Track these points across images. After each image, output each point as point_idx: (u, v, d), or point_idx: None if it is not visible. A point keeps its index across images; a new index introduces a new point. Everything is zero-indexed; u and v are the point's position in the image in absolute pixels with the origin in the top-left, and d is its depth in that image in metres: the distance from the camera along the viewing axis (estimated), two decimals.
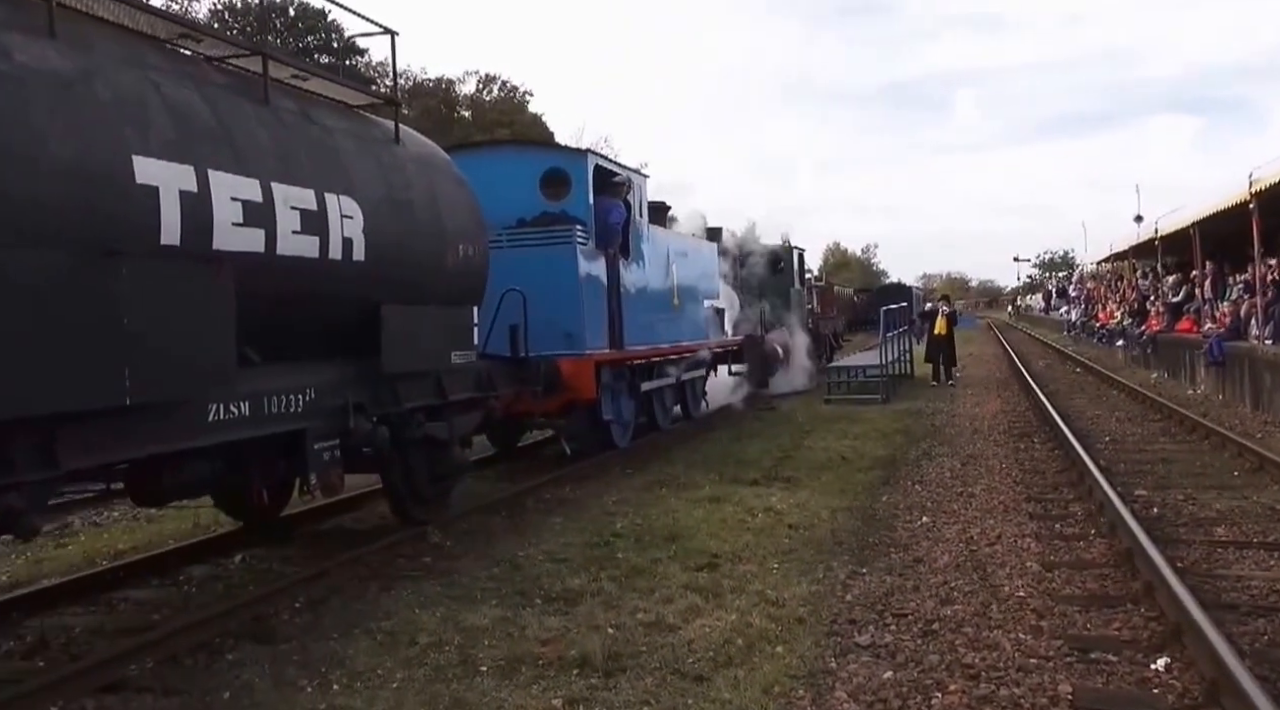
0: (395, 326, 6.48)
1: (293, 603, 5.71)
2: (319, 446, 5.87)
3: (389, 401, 6.64)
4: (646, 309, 11.85)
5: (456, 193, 7.74)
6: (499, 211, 9.82)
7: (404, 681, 4.47)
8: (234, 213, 5.16)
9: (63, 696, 4.24)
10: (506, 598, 5.74)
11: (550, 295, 9.44)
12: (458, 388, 7.50)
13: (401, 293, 6.64)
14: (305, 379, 5.82)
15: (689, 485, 9.28)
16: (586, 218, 10.47)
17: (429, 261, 7.07)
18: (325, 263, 5.90)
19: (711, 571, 6.20)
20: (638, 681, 4.38)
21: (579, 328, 10.01)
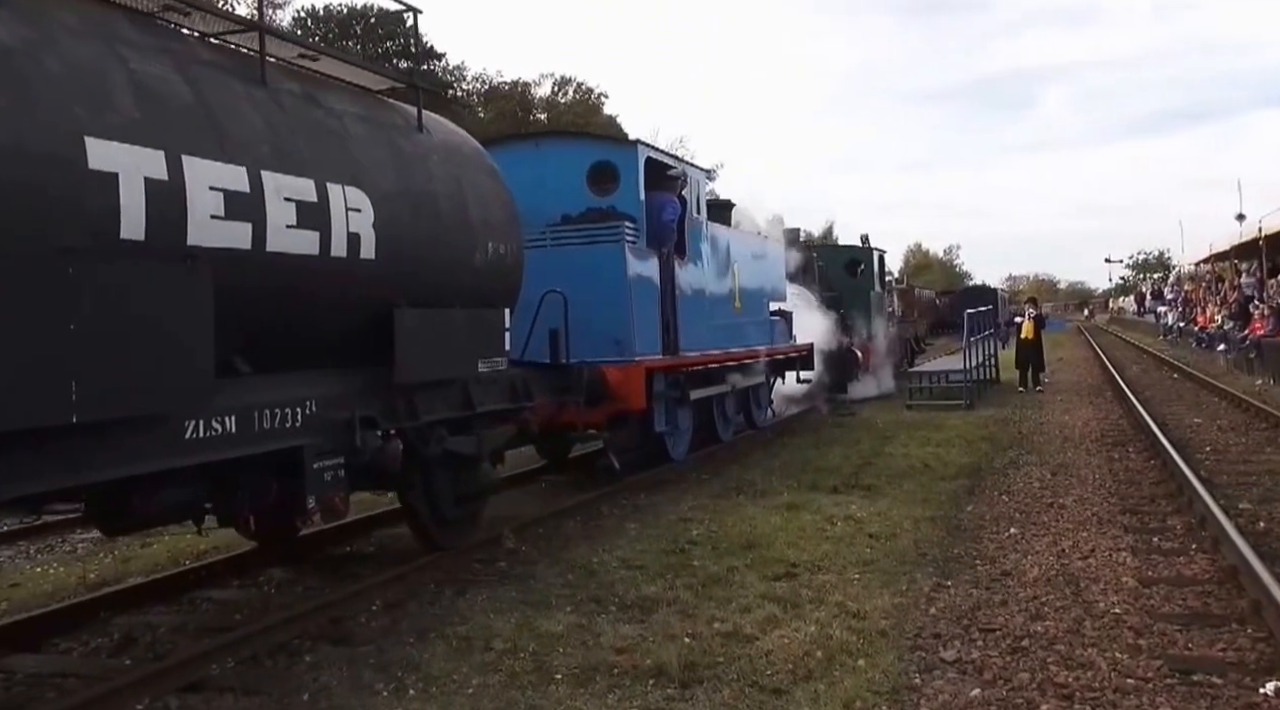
0: (411, 331, 5.90)
1: (369, 606, 5.81)
2: (319, 465, 5.27)
3: (405, 414, 6.06)
4: (705, 312, 11.19)
5: (487, 185, 7.13)
6: (544, 208, 9.45)
7: (479, 688, 4.49)
8: (213, 204, 4.57)
9: (148, 694, 4.37)
10: (581, 604, 5.74)
11: (597, 297, 8.97)
12: (487, 398, 6.88)
13: (420, 294, 6.06)
14: (304, 390, 5.25)
15: (766, 492, 9.18)
16: (637, 214, 9.79)
17: (453, 260, 6.47)
18: (327, 261, 5.33)
19: (790, 581, 6.11)
20: (714, 693, 4.32)
21: (627, 332, 9.32)
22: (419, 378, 6.04)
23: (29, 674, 4.83)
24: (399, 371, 5.81)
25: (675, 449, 10.66)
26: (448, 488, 6.75)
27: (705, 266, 11.32)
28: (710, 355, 11.13)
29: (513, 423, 7.42)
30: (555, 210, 9.74)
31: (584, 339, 8.57)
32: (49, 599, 6.13)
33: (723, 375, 11.82)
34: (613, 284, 9.27)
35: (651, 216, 9.97)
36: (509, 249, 7.17)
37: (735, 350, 11.95)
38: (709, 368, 11.21)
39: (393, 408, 5.94)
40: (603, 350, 9.03)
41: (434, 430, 6.33)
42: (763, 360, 12.98)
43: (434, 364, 6.17)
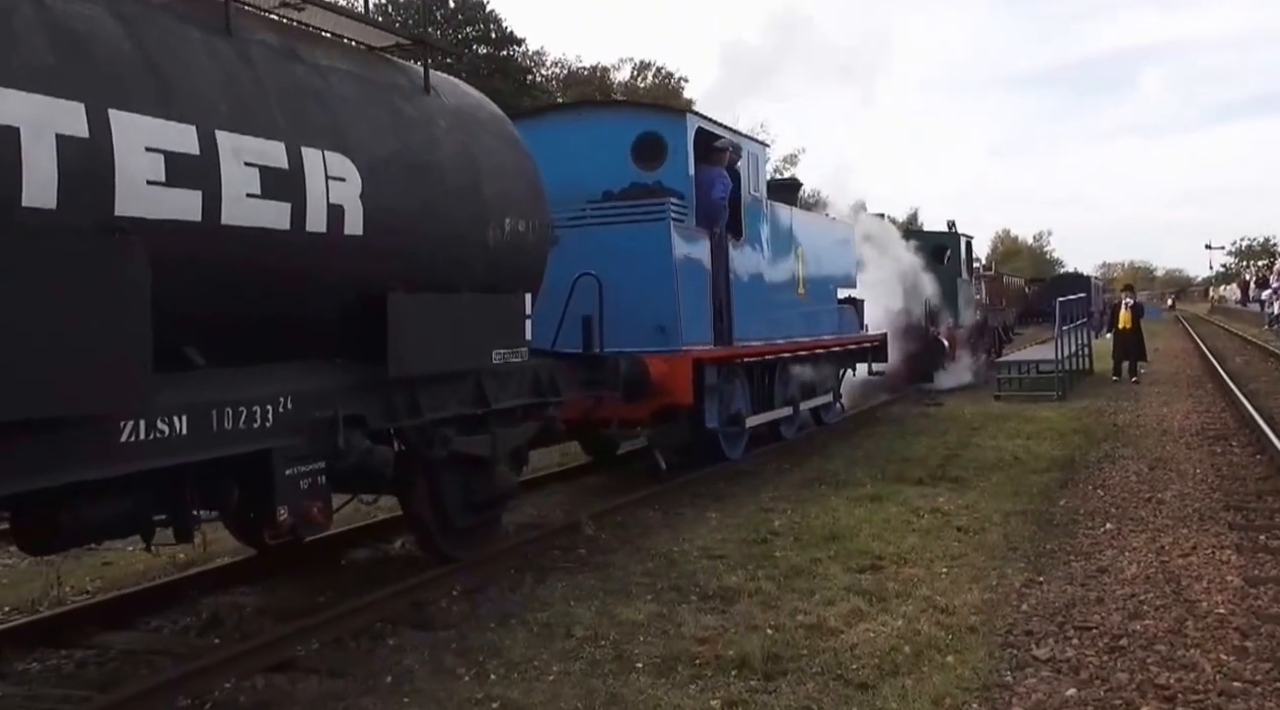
0: (408, 318, 5.22)
1: (450, 590, 5.88)
2: (293, 471, 4.61)
3: (404, 412, 5.39)
4: (764, 298, 10.34)
5: (506, 155, 6.40)
6: (584, 183, 8.86)
7: (560, 674, 4.51)
8: (150, 168, 3.92)
9: (235, 673, 4.49)
10: (661, 593, 5.73)
11: (639, 281, 8.30)
12: (504, 393, 6.20)
13: (420, 276, 5.41)
14: (276, 386, 4.58)
15: (849, 483, 9.04)
16: (685, 190, 8.97)
17: (460, 238, 5.78)
18: (301, 236, 4.66)
19: (875, 574, 6.00)
20: (799, 686, 4.27)
21: (673, 319, 8.53)
22: (418, 370, 5.35)
23: (122, 650, 5.02)
24: (393, 364, 5.13)
25: (731, 447, 9.89)
26: (457, 493, 6.08)
27: (764, 248, 10.51)
28: (769, 345, 10.36)
29: (536, 420, 6.69)
30: (597, 186, 9.09)
31: (625, 327, 8.01)
32: (140, 578, 6.37)
33: (786, 367, 11.14)
34: (657, 266, 8.54)
35: (701, 192, 9.17)
36: (530, 226, 6.41)
37: (799, 340, 11.20)
38: (767, 358, 10.42)
39: (389, 405, 5.28)
40: (646, 339, 8.38)
41: (438, 430, 5.63)
42: (830, 351, 12.30)
43: (437, 355, 5.47)
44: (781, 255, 10.98)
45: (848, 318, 13.23)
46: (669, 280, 8.57)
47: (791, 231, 11.36)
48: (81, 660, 4.90)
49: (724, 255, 9.44)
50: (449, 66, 7.04)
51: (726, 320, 9.44)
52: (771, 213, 10.85)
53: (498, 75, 33.44)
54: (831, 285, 12.70)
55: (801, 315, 11.42)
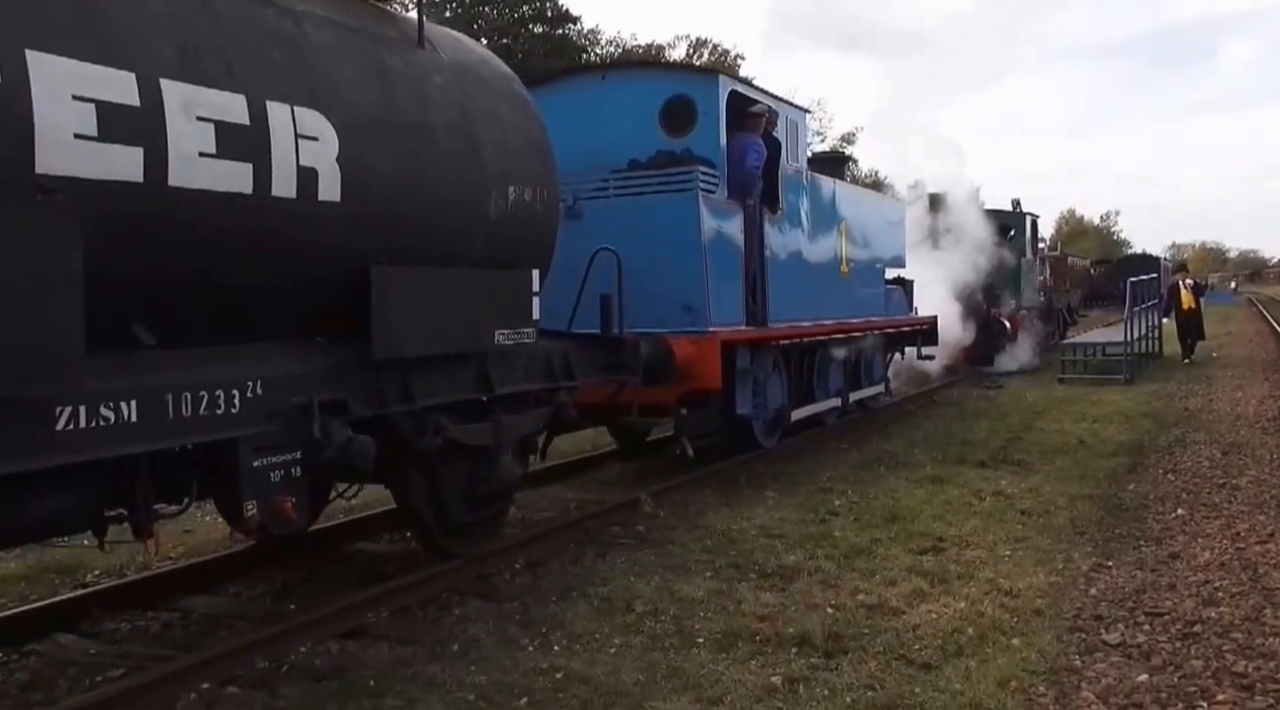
0: (395, 295, 4.72)
1: (514, 563, 5.96)
2: (261, 463, 4.17)
3: (395, 398, 4.90)
4: (802, 277, 9.65)
5: (510, 117, 5.80)
6: (608, 151, 8.34)
7: (621, 647, 4.55)
8: (79, 120, 3.43)
9: (311, 638, 4.61)
10: (721, 571, 5.74)
11: (665, 256, 7.78)
12: (510, 378, 5.72)
13: (408, 249, 4.91)
14: (242, 368, 4.14)
15: (909, 464, 8.95)
16: (716, 158, 8.31)
17: (456, 208, 5.23)
18: (266, 202, 4.15)
19: (936, 555, 5.94)
20: (860, 665, 4.25)
21: (701, 298, 7.92)
22: (407, 352, 4.85)
23: (203, 614, 5.18)
24: (378, 344, 4.65)
25: (765, 435, 9.26)
26: (456, 486, 5.57)
27: (804, 223, 9.77)
28: (808, 327, 9.66)
29: (547, 406, 6.17)
30: (622, 154, 8.49)
31: (650, 306, 7.52)
32: (218, 546, 6.55)
33: (827, 350, 10.47)
34: (684, 240, 7.91)
35: (733, 161, 8.47)
36: (539, 196, 5.85)
37: (841, 322, 10.49)
38: (806, 341, 9.75)
39: (375, 390, 4.81)
40: (672, 319, 7.81)
41: (432, 417, 5.12)
42: (875, 334, 11.61)
43: (430, 335, 4.97)
44: (823, 231, 10.28)
45: (896, 299, 12.61)
46: (697, 256, 7.93)
47: (835, 206, 10.65)
48: (167, 622, 5.08)
49: (758, 230, 8.75)
50: (505, 47, 6.98)
51: (761, 300, 8.82)
52: (812, 185, 10.11)
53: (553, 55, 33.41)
54: (879, 265, 12.06)
55: (844, 296, 10.75)
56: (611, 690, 4.05)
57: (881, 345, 12.19)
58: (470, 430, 5.46)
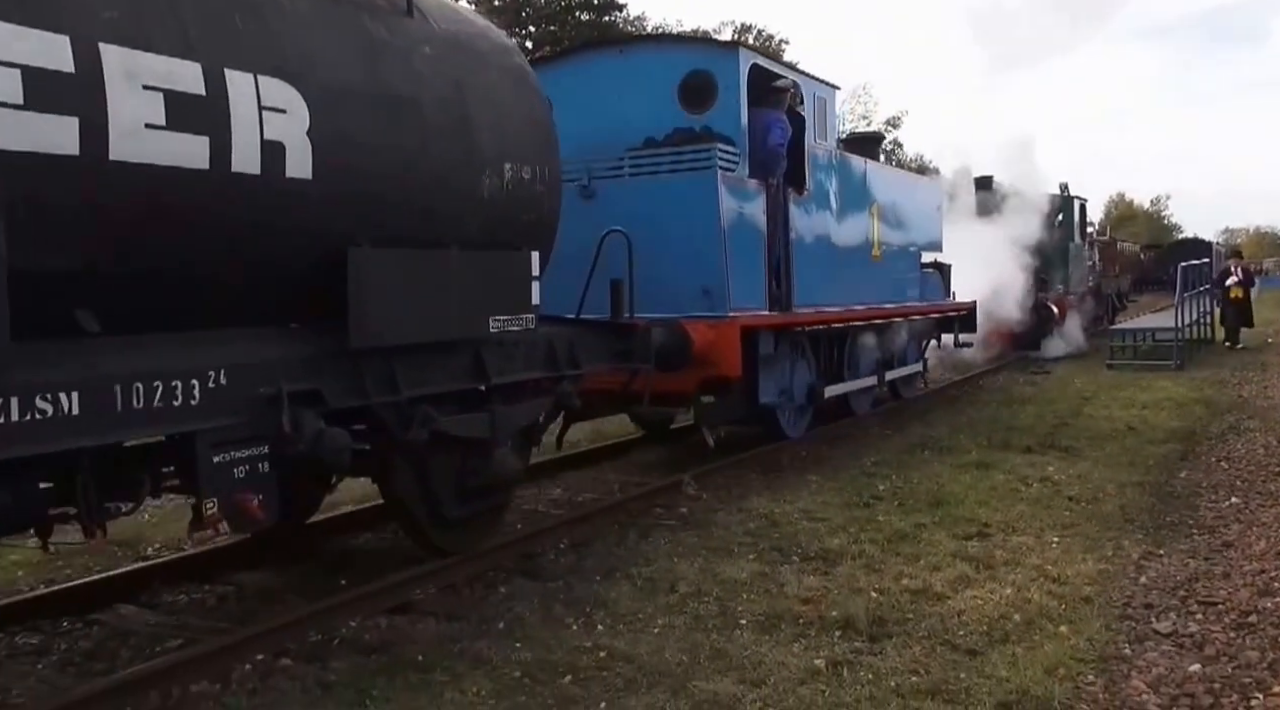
0: (375, 279, 4.38)
1: (557, 543, 5.98)
2: (224, 458, 3.83)
3: (376, 388, 4.53)
4: (830, 260, 9.19)
5: (507, 92, 5.43)
6: (624, 129, 7.96)
7: (664, 627, 4.55)
8: (2, 86, 3.14)
9: (361, 613, 4.67)
10: (764, 553, 5.71)
11: (682, 238, 7.44)
12: (509, 367, 5.36)
13: (391, 230, 4.54)
14: (204, 357, 3.80)
15: (953, 449, 8.83)
16: (736, 135, 7.88)
17: (447, 187, 4.87)
18: (227, 179, 3.82)
19: (982, 541, 5.86)
20: (904, 649, 4.20)
21: (720, 281, 7.51)
22: (389, 340, 4.50)
23: (258, 587, 5.28)
24: (356, 332, 4.30)
25: (790, 424, 8.87)
26: (449, 480, 5.22)
27: (832, 204, 9.27)
28: (836, 312, 9.20)
29: (549, 395, 5.80)
30: (638, 132, 8.10)
31: (666, 289, 7.22)
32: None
33: (858, 337, 10.00)
34: (702, 220, 7.51)
35: (756, 138, 8.07)
36: (539, 175, 5.52)
37: (874, 307, 10.02)
38: (834, 326, 9.26)
39: (355, 380, 4.44)
40: (690, 303, 7.44)
41: (419, 409, 4.76)
42: (910, 320, 11.05)
43: (415, 322, 4.61)
44: (853, 213, 9.76)
45: (932, 284, 12.09)
46: (715, 237, 7.50)
47: (866, 187, 10.14)
48: (223, 595, 5.18)
49: (783, 210, 8.33)
50: (552, 34, 6.98)
51: (785, 284, 8.40)
52: (841, 165, 9.61)
53: None
54: (913, 248, 11.50)
55: (876, 280, 10.23)
56: (655, 670, 4.05)
57: (917, 332, 11.70)
58: (462, 422, 5.09)
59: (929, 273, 12.09)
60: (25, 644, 4.47)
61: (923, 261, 11.93)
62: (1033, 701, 3.65)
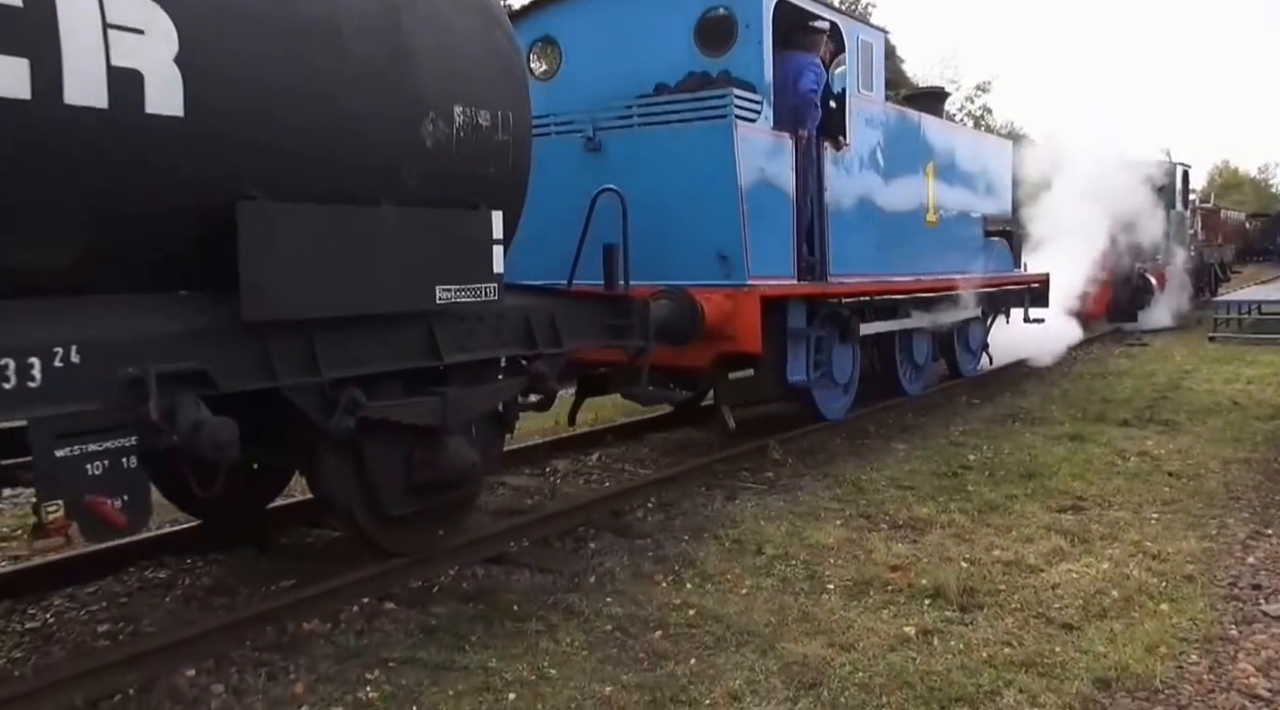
0: (275, 239, 3.60)
1: (645, 502, 6.00)
2: (70, 452, 3.14)
3: (287, 368, 3.75)
4: (875, 225, 8.15)
5: (462, 22, 4.52)
6: (634, 75, 7.09)
7: (752, 589, 4.53)
8: None
9: (459, 562, 4.78)
10: (850, 519, 5.64)
11: (695, 196, 6.58)
12: (468, 343, 4.53)
13: (300, 182, 3.77)
14: (42, 331, 3.13)
15: (1045, 421, 8.57)
16: (759, 80, 6.80)
17: (377, 134, 4.03)
18: (59, 113, 3.11)
19: (1076, 514, 5.67)
20: (997, 621, 4.10)
21: (736, 246, 6.55)
22: (292, 312, 3.68)
23: None
24: (249, 303, 3.54)
25: (829, 404, 7.96)
26: (393, 473, 4.40)
27: (879, 162, 8.19)
28: (881, 282, 8.14)
29: (521, 376, 4.93)
30: (649, 78, 7.14)
31: (678, 255, 6.52)
32: None
33: (909, 310, 8.87)
34: (717, 176, 6.54)
35: (782, 85, 7.05)
36: (502, 122, 4.62)
37: (925, 278, 8.90)
38: (879, 298, 8.14)
39: (259, 359, 3.68)
40: (704, 270, 6.58)
41: (344, 392, 3.93)
42: (971, 292, 9.82)
43: (333, 291, 3.80)
44: (904, 173, 8.65)
45: (997, 254, 10.89)
46: (731, 195, 6.52)
47: (921, 145, 9.04)
48: (331, 540, 5.32)
49: (816, 167, 7.35)
50: None
51: (820, 250, 7.43)
52: (889, 118, 8.46)
53: None
54: (976, 214, 10.30)
55: (930, 248, 9.14)
56: (743, 630, 4.04)
57: (978, 305, 10.40)
58: (403, 407, 4.29)
59: (995, 241, 10.91)
60: (154, 578, 4.70)
61: (989, 228, 10.79)
62: (1133, 679, 3.53)
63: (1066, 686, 3.49)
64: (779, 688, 3.52)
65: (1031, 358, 12.25)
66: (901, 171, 8.60)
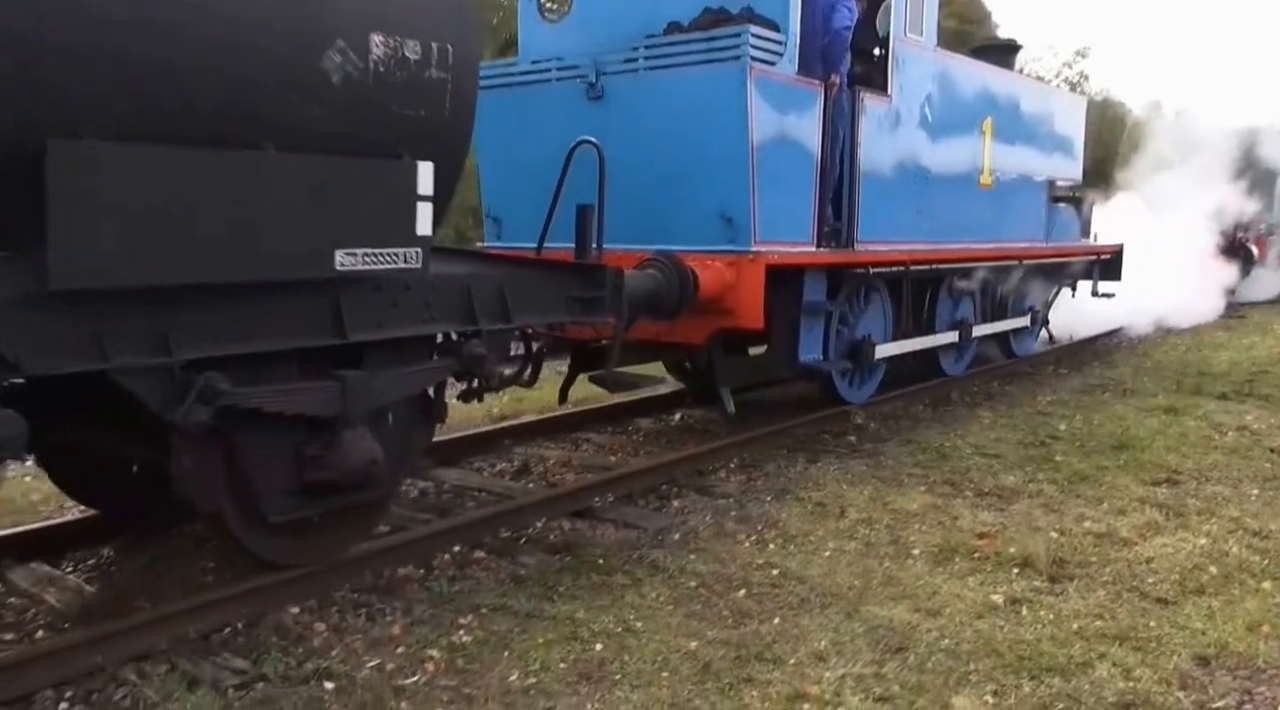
0: (106, 188, 2.85)
1: (728, 463, 5.97)
2: None
3: (123, 346, 3.02)
4: (918, 186, 7.24)
5: None
6: (644, 14, 6.28)
7: (835, 552, 4.48)
8: None
9: (546, 514, 4.82)
10: (935, 486, 5.52)
11: (699, 151, 5.73)
12: (385, 318, 3.70)
13: (146, 117, 2.98)
14: None
15: (1138, 392, 8.25)
16: (783, 19, 5.93)
17: (259, 62, 3.21)
18: None
19: (1171, 488, 5.46)
20: (1088, 593, 3.98)
21: (743, 207, 5.69)
22: (125, 279, 2.93)
23: (451, 485, 5.52)
24: (59, 266, 2.79)
25: (852, 388, 7.14)
26: (277, 472, 3.62)
27: (926, 116, 7.27)
28: (919, 251, 7.22)
29: (453, 359, 4.04)
30: (660, 16, 6.31)
31: (678, 217, 5.79)
32: (464, 423, 6.95)
33: (953, 281, 7.98)
34: (723, 128, 5.67)
35: (812, 23, 6.14)
36: (436, 56, 3.74)
37: (976, 246, 7.98)
38: (916, 270, 7.21)
39: (83, 335, 2.94)
40: (704, 234, 5.75)
41: (203, 376, 3.16)
42: (1029, 264, 8.91)
43: (185, 252, 3.02)
44: (956, 129, 7.69)
45: (1063, 222, 9.81)
46: (740, 150, 5.64)
47: (977, 98, 8.04)
48: (424, 489, 5.45)
49: (848, 119, 6.46)
50: None
51: (848, 213, 6.57)
52: (941, 67, 7.50)
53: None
54: (1040, 177, 9.25)
55: (983, 214, 8.15)
56: (827, 591, 4.00)
57: (1038, 278, 9.49)
58: (283, 394, 3.48)
59: (1061, 208, 9.84)
60: None
61: (1056, 194, 9.74)
62: (1234, 657, 3.38)
63: (1163, 662, 3.37)
64: (864, 650, 3.47)
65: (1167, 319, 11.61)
66: (953, 128, 7.65)
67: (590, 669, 3.32)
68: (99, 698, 3.08)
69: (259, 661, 3.30)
